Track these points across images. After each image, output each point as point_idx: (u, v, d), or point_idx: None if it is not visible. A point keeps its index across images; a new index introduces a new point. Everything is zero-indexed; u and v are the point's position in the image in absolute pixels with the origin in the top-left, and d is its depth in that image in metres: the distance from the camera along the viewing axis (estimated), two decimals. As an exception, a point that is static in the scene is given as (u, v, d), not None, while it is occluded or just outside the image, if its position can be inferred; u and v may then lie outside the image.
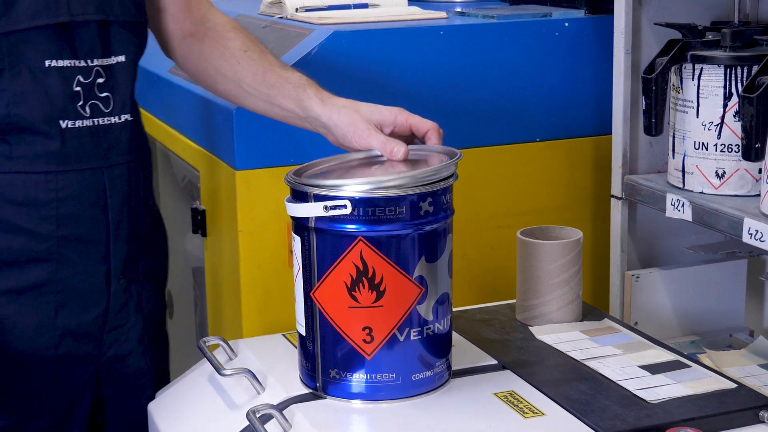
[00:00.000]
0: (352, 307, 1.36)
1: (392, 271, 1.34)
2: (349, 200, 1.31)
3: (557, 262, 1.62)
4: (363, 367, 1.38)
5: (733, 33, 1.78)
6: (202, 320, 2.36)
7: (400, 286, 1.35)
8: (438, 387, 1.41)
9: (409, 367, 1.38)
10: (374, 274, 1.34)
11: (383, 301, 1.35)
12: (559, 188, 2.13)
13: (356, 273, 1.35)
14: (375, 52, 1.95)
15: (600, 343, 1.57)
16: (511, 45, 2.05)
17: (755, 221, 1.66)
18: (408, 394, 1.38)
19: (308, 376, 1.42)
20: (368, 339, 1.37)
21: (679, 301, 2.05)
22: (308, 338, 1.41)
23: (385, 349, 1.37)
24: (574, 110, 2.12)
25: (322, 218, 1.34)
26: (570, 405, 1.37)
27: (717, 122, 1.79)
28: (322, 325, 1.39)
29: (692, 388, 1.42)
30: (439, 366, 1.41)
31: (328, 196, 1.32)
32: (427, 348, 1.39)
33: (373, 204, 1.32)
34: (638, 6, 1.95)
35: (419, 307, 1.36)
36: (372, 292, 1.35)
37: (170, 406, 1.58)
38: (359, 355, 1.37)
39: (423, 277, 1.36)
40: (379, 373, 1.38)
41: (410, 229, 1.34)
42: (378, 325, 1.36)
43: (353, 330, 1.37)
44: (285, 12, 2.15)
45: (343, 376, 1.39)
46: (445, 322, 1.41)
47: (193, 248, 2.41)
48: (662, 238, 2.06)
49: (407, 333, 1.37)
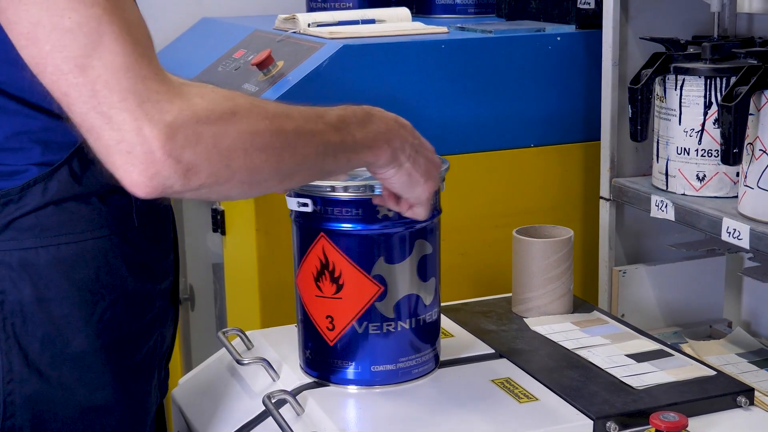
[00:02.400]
0: (318, 296, 1.38)
1: (350, 268, 1.35)
2: (311, 198, 1.34)
3: (550, 258, 1.62)
4: (328, 352, 1.40)
5: (713, 47, 1.78)
6: (221, 312, 2.37)
7: (357, 282, 1.36)
8: (402, 381, 1.40)
9: (369, 359, 1.39)
10: (334, 269, 1.36)
11: (342, 294, 1.36)
12: (551, 190, 2.13)
13: (320, 265, 1.37)
14: (381, 64, 1.96)
15: (590, 333, 1.58)
16: (507, 58, 2.05)
17: (733, 221, 1.66)
18: (368, 384, 1.39)
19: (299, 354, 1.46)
20: (330, 327, 1.38)
21: (663, 294, 2.05)
22: (297, 320, 1.45)
23: (345, 339, 1.38)
24: (566, 118, 2.11)
25: (297, 212, 1.38)
26: (562, 391, 1.37)
27: (698, 129, 1.79)
28: (301, 310, 1.42)
29: (675, 375, 1.42)
30: (404, 362, 1.40)
31: (299, 194, 1.35)
32: (389, 344, 1.39)
33: (332, 204, 1.34)
34: (625, 22, 1.95)
35: (378, 304, 1.37)
36: (333, 284, 1.36)
37: (193, 392, 1.59)
38: (324, 341, 1.39)
39: (382, 276, 1.36)
40: (341, 360, 1.39)
41: (367, 231, 1.35)
42: (338, 316, 1.38)
43: (320, 317, 1.39)
44: (298, 27, 2.15)
45: (313, 358, 1.42)
46: (412, 322, 1.40)
47: (214, 246, 2.41)
48: (647, 236, 2.06)
49: (365, 326, 1.37)
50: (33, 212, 1.21)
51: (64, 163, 1.22)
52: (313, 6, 2.53)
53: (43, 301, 1.23)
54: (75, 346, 1.25)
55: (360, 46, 1.95)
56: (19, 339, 1.22)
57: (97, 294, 1.25)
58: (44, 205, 1.22)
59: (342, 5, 2.49)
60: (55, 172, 1.22)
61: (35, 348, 1.23)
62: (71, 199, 1.23)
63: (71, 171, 1.23)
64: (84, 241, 1.25)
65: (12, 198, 1.20)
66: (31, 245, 1.22)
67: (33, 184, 1.21)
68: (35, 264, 1.22)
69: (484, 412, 1.32)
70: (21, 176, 1.21)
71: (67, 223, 1.23)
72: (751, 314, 2.14)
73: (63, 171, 1.22)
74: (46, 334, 1.23)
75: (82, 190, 1.24)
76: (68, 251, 1.23)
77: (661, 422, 1.26)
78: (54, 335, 1.24)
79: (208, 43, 2.45)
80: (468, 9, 2.51)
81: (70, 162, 1.22)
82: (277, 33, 2.19)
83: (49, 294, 1.23)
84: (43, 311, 1.23)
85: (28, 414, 1.24)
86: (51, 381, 1.24)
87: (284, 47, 2.08)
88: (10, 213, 1.20)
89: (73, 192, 1.23)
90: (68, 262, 1.23)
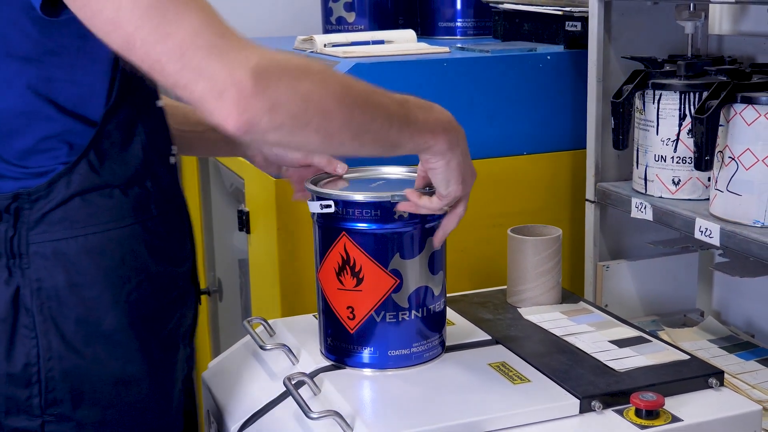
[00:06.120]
0: (340, 289, 1.38)
1: (369, 263, 1.35)
2: (334, 201, 1.35)
3: (541, 254, 1.62)
4: (348, 339, 1.40)
5: (687, 65, 1.78)
6: (246, 303, 2.37)
7: (376, 276, 1.36)
8: (414, 365, 1.41)
9: (385, 345, 1.39)
10: (354, 264, 1.36)
11: (362, 287, 1.36)
12: (542, 193, 2.13)
13: (342, 261, 1.37)
14: (390, 80, 1.95)
15: (576, 321, 1.57)
16: (502, 74, 2.04)
17: (705, 221, 1.66)
18: (384, 367, 1.39)
19: (319, 341, 1.46)
20: (351, 316, 1.38)
21: (642, 287, 2.04)
22: (318, 310, 1.45)
23: (364, 326, 1.38)
24: (555, 128, 2.11)
25: (320, 214, 1.37)
26: (552, 373, 1.37)
27: (673, 138, 1.79)
28: (323, 301, 1.42)
29: (653, 359, 1.42)
30: (417, 346, 1.40)
31: (323, 197, 1.36)
32: (402, 331, 1.39)
33: (352, 206, 1.34)
34: (608, 42, 1.95)
35: (394, 295, 1.37)
36: (353, 278, 1.36)
37: (221, 375, 1.59)
38: (345, 329, 1.39)
39: (398, 270, 1.36)
40: (360, 345, 1.39)
41: (384, 230, 1.35)
42: (358, 306, 1.38)
43: (341, 308, 1.39)
44: (315, 47, 2.15)
45: (333, 344, 1.42)
46: (424, 311, 1.40)
47: (240, 243, 2.41)
48: (628, 234, 2.06)
49: (383, 316, 1.37)
50: (61, 205, 1.23)
51: (82, 157, 1.23)
52: (329, 28, 2.53)
53: (75, 286, 1.24)
54: (106, 325, 1.26)
55: (371, 64, 1.95)
56: (56, 321, 1.24)
57: (123, 277, 1.27)
58: (70, 198, 1.23)
59: (354, 28, 2.49)
60: (76, 166, 1.23)
61: (70, 328, 1.25)
62: (94, 190, 1.25)
63: (90, 164, 1.24)
64: (109, 231, 1.26)
65: (41, 194, 1.22)
66: (61, 236, 1.23)
67: (57, 179, 1.22)
68: (66, 253, 1.23)
69: (483, 392, 1.32)
70: (49, 175, 1.23)
71: (93, 215, 1.25)
72: (721, 305, 2.14)
73: (82, 164, 1.23)
74: (79, 315, 1.25)
75: (102, 181, 1.25)
76: (95, 240, 1.25)
77: (640, 401, 1.27)
78: (87, 316, 1.25)
79: (234, 62, 2.44)
80: (467, 31, 2.52)
81: (88, 156, 1.24)
82: (297, 53, 2.19)
83: (80, 279, 1.24)
84: (76, 295, 1.24)
85: (68, 387, 1.26)
86: (86, 357, 1.26)
87: (303, 65, 2.07)
88: (41, 208, 1.22)
89: (95, 183, 1.25)
90: (96, 250, 1.25)
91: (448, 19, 2.52)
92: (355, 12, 2.48)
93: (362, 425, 1.24)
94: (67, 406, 1.26)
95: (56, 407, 1.26)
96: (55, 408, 1.26)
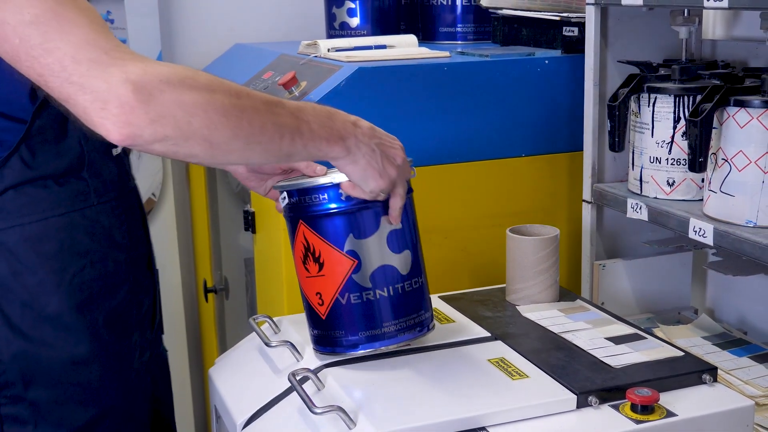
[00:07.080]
0: (308, 277, 1.38)
1: (326, 247, 1.34)
2: (287, 191, 1.36)
3: (539, 254, 1.62)
4: (322, 325, 1.39)
5: (681, 69, 1.78)
6: (252, 301, 2.37)
7: (334, 258, 1.34)
8: (385, 345, 1.38)
9: (354, 326, 1.37)
10: (314, 250, 1.35)
11: (324, 271, 1.35)
12: (540, 194, 2.13)
13: (304, 249, 1.36)
14: (392, 84, 1.95)
15: (574, 319, 1.57)
16: (501, 78, 2.04)
17: (699, 221, 1.66)
18: (357, 351, 1.38)
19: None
20: (320, 302, 1.37)
21: (638, 285, 2.04)
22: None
23: (332, 310, 1.37)
24: (553, 131, 2.11)
25: (287, 211, 1.38)
26: (549, 369, 1.37)
27: (668, 141, 1.79)
28: (301, 294, 1.41)
29: (648, 355, 1.42)
30: (388, 326, 1.37)
31: (281, 189, 1.37)
32: (369, 311, 1.36)
33: (304, 193, 1.34)
34: (604, 47, 1.95)
35: (355, 276, 1.35)
36: (315, 264, 1.36)
37: (227, 371, 1.59)
38: (318, 316, 1.39)
39: (354, 251, 1.34)
40: (332, 330, 1.38)
41: (333, 212, 1.33)
42: (324, 291, 1.36)
43: (311, 295, 1.39)
44: (319, 52, 2.15)
45: (316, 334, 1.41)
46: (390, 290, 1.37)
47: (245, 243, 2.41)
48: (624, 234, 2.05)
49: (347, 297, 1.36)
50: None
51: (13, 153, 1.25)
52: (332, 33, 2.53)
53: (17, 274, 1.26)
54: (51, 308, 1.28)
55: (373, 68, 1.95)
56: (1, 307, 1.27)
57: (64, 262, 1.28)
58: (4, 191, 1.25)
59: (357, 33, 2.49)
60: (7, 162, 1.25)
61: (17, 313, 1.27)
62: (27, 183, 1.26)
63: (22, 159, 1.25)
64: (46, 219, 1.28)
65: None
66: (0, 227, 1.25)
67: None
68: (5, 242, 1.25)
69: (482, 387, 1.32)
70: None
71: (28, 205, 1.26)
72: (714, 303, 2.14)
73: (14, 160, 1.25)
74: (24, 300, 1.27)
75: (36, 174, 1.26)
76: (33, 229, 1.27)
77: (636, 396, 1.26)
78: (31, 301, 1.27)
79: (240, 66, 2.45)
80: (467, 36, 2.52)
81: (19, 151, 1.25)
82: (301, 57, 2.19)
83: (21, 267, 1.26)
84: (19, 282, 1.26)
85: (17, 369, 1.28)
86: (34, 340, 1.28)
87: (307, 69, 2.08)
88: None
89: (28, 176, 1.26)
90: (34, 237, 1.27)
91: (448, 25, 2.52)
92: (358, 17, 2.48)
93: (365, 420, 1.24)
94: (19, 388, 1.29)
95: (8, 389, 1.29)
96: (7, 390, 1.29)
